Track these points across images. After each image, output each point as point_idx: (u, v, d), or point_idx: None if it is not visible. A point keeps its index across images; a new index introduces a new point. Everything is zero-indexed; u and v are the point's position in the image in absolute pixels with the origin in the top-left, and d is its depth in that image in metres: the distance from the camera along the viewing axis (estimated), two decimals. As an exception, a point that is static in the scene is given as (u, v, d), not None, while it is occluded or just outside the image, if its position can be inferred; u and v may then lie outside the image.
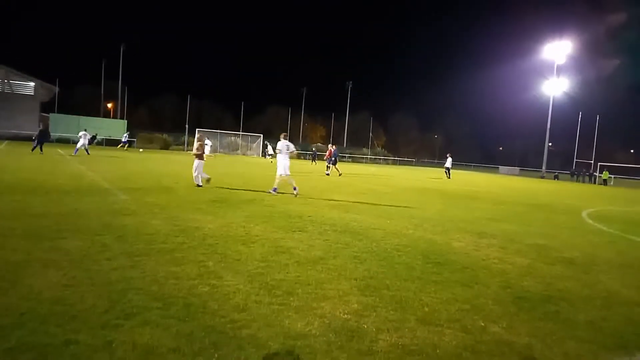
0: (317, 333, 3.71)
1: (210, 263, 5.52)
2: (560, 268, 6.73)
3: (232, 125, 64.60)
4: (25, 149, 27.55)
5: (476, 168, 68.38)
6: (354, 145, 72.51)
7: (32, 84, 46.40)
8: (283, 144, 13.56)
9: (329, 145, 29.99)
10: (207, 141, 31.57)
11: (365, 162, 63.90)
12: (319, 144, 71.14)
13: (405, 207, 13.10)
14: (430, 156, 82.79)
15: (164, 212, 8.81)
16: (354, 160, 65.43)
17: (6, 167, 15.80)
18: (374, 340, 3.68)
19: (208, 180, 14.38)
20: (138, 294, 4.28)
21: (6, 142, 37.40)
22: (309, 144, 63.55)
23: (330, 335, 3.70)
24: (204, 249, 6.19)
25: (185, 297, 4.28)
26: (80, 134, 27.88)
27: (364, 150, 71.13)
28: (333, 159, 27.66)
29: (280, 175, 13.49)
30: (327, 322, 3.97)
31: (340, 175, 26.26)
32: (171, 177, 16.97)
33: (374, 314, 4.27)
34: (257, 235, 7.31)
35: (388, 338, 3.73)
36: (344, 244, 7.19)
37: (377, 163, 64.68)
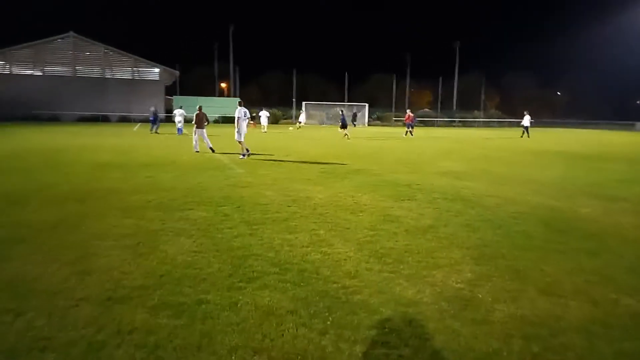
0: (429, 301, 3.69)
1: (322, 231, 5.72)
2: None
3: (337, 96, 65.03)
4: (165, 129, 30.58)
5: (608, 126, 60.99)
6: (464, 108, 68.84)
7: (156, 69, 51.04)
8: (241, 110, 14.26)
9: (407, 110, 32.69)
10: (262, 113, 33.34)
11: (478, 126, 60.55)
12: (427, 109, 68.83)
13: (521, 171, 12.25)
14: (552, 115, 75.64)
15: (277, 184, 9.26)
16: (465, 124, 62.21)
17: (139, 147, 17.73)
18: (489, 310, 3.56)
19: (212, 150, 15.67)
20: (257, 260, 4.60)
21: (139, 124, 41.85)
22: (415, 110, 61.78)
23: (443, 303, 3.65)
24: (315, 218, 6.43)
25: (299, 264, 4.51)
26: (176, 111, 27.78)
27: (476, 113, 67.21)
28: (412, 123, 30.57)
29: (240, 140, 14.36)
30: (439, 290, 3.92)
31: (348, 138, 25.72)
32: (281, 150, 17.70)
33: (489, 283, 4.11)
34: (365, 205, 7.39)
35: (505, 308, 3.59)
36: (455, 212, 6.97)
37: (490, 126, 60.86)
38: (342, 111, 30.23)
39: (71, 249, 4.82)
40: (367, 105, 56.38)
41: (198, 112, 16.15)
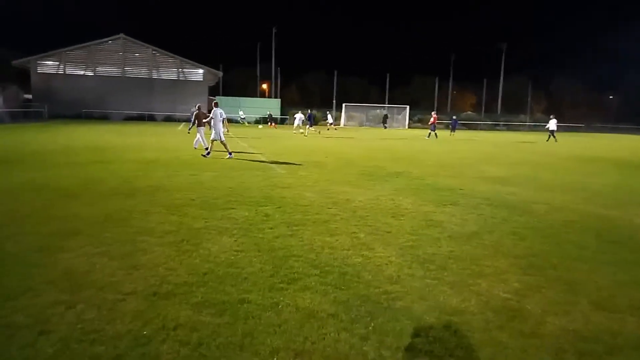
0: (475, 310, 3.57)
1: (362, 235, 5.66)
2: None
3: (378, 98, 64.61)
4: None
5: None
6: (509, 112, 66.82)
7: (201, 70, 52.33)
8: (217, 111, 14.37)
9: (432, 113, 33.21)
10: (298, 115, 32.16)
11: (523, 130, 58.68)
12: (469, 112, 67.29)
13: (570, 178, 11.75)
14: (603, 120, 72.19)
15: (317, 185, 9.27)
16: (510, 128, 60.41)
17: (183, 146, 18.17)
18: (539, 322, 3.41)
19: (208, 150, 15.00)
20: (298, 261, 4.60)
21: (183, 124, 42.95)
22: (459, 113, 60.50)
23: (489, 313, 3.53)
24: (355, 220, 6.37)
25: (340, 267, 4.47)
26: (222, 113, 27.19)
27: (521, 117, 65.10)
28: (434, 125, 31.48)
29: (214, 140, 14.31)
30: (485, 299, 3.79)
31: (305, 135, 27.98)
32: (321, 151, 17.73)
33: (539, 294, 3.94)
34: (406, 209, 7.27)
35: (556, 321, 3.42)
36: (500, 218, 6.75)
37: (537, 131, 58.81)
38: (309, 110, 32.10)
39: (119, 244, 4.97)
40: (407, 107, 55.71)
41: (197, 111, 16.30)
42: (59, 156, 13.32)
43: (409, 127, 53.50)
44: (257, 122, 48.32)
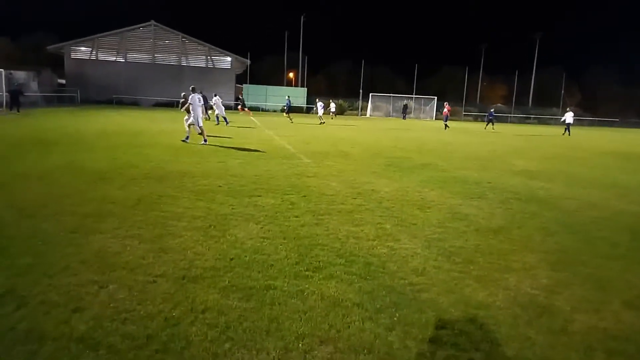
0: (502, 305, 3.54)
1: (388, 225, 5.65)
2: None
3: (405, 88, 63.82)
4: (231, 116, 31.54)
5: None
6: (541, 105, 65.06)
7: (229, 58, 52.58)
8: (195, 97, 14.29)
9: (445, 104, 32.56)
10: (319, 103, 32.07)
11: (555, 124, 57.11)
12: (500, 104, 65.82)
13: (603, 173, 11.41)
14: (638, 115, 69.50)
15: (342, 175, 9.26)
16: (541, 122, 58.86)
17: (210, 133, 18.36)
18: (568, 319, 3.35)
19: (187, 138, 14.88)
20: (323, 250, 4.63)
21: (211, 111, 43.39)
22: (486, 105, 59.24)
23: (516, 309, 3.49)
24: (380, 211, 6.36)
25: (365, 257, 4.48)
26: (214, 99, 24.27)
27: (554, 110, 63.29)
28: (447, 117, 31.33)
29: (192, 125, 14.35)
30: (512, 295, 3.74)
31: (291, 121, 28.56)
32: (346, 141, 17.67)
33: (568, 291, 3.87)
34: (432, 201, 7.20)
35: (586, 319, 3.36)
36: (529, 213, 6.62)
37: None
38: (288, 97, 32.07)
39: (149, 227, 5.10)
40: (435, 98, 54.87)
41: (184, 99, 16.36)
42: (94, 140, 13.67)
43: (436, 119, 52.73)
44: (282, 110, 48.52)
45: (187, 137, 14.42)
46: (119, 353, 2.65)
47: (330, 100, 40.85)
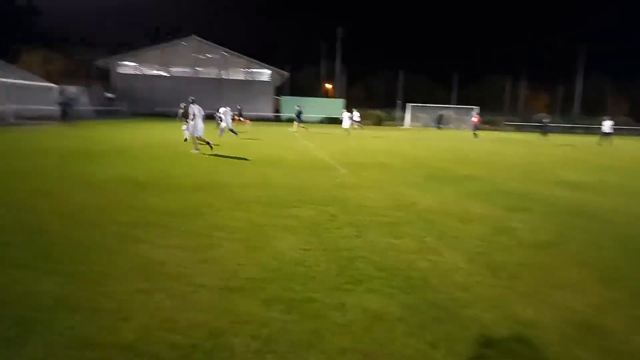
0: (550, 323, 3.39)
1: (429, 238, 5.55)
2: None
3: (444, 98, 62.96)
4: (264, 128, 32.14)
5: None
6: (587, 114, 62.58)
7: (267, 71, 53.61)
8: (195, 108, 14.59)
9: (473, 112, 33.52)
10: (345, 114, 30.27)
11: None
12: (543, 114, 63.76)
13: (659, 187, 10.83)
14: (696, 124, 65.60)
15: (381, 186, 9.20)
16: (588, 131, 56.57)
17: (250, 144, 18.71)
18: (622, 340, 3.18)
19: (185, 139, 16.76)
20: (363, 262, 4.59)
21: (250, 122, 44.19)
22: (530, 115, 57.51)
23: (565, 327, 3.34)
24: (421, 224, 6.26)
25: (406, 270, 4.42)
26: (221, 110, 22.86)
27: (601, 119, 60.65)
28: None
29: (199, 136, 14.70)
30: (561, 312, 3.59)
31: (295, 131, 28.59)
32: (385, 152, 17.57)
33: (621, 310, 3.68)
34: (475, 213, 7.04)
35: (642, 342, 3.18)
36: (578, 227, 6.36)
37: (619, 134, 54.66)
38: (298, 106, 32.15)
39: (191, 237, 5.21)
40: (476, 108, 53.75)
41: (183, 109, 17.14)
42: (139, 151, 14.18)
43: (477, 129, 51.61)
44: (321, 122, 48.77)
45: (198, 150, 14.75)
46: (164, 362, 2.71)
47: (353, 110, 40.13)
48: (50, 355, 2.72)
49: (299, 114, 30.91)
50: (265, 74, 53.75)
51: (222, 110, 22.52)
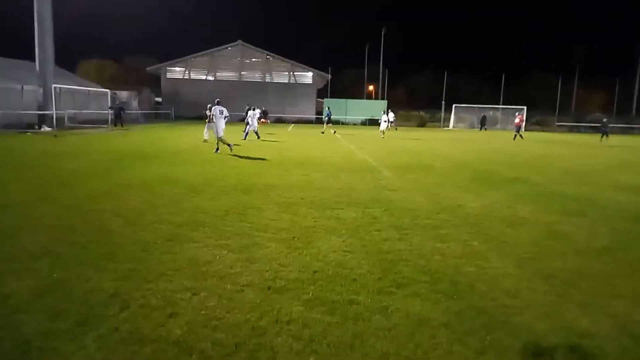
0: (608, 335, 3.20)
1: (475, 243, 5.39)
2: None
3: (490, 98, 61.13)
4: (306, 130, 32.35)
5: None
6: (646, 113, 59.03)
7: (310, 74, 53.91)
8: (217, 109, 15.26)
9: (517, 113, 32.25)
10: (383, 116, 28.72)
11: (663, 135, 51.49)
12: (597, 114, 60.76)
13: None
14: None
15: (426, 189, 9.03)
16: (647, 132, 53.41)
17: (294, 146, 18.86)
18: (691, 357, 2.95)
19: (205, 140, 18.16)
20: (407, 266, 4.51)
21: (292, 125, 44.66)
22: (583, 115, 54.93)
23: (626, 339, 3.14)
24: (467, 227, 6.09)
25: (451, 275, 4.30)
26: (250, 113, 22.40)
27: (662, 119, 57.10)
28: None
29: (220, 137, 15.26)
30: (621, 324, 3.38)
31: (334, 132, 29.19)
32: (429, 154, 17.26)
33: (689, 324, 3.42)
34: (525, 217, 6.77)
35: None
36: (638, 233, 5.99)
37: (680, 135, 51.22)
38: (328, 107, 33.00)
39: (237, 237, 5.30)
40: (525, 108, 51.90)
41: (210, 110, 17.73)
42: (187, 153, 14.61)
43: (525, 130, 49.78)
44: (364, 123, 48.57)
45: (249, 134, 16.17)
46: (209, 359, 2.75)
47: (389, 110, 39.17)
48: (106, 349, 2.82)
49: (328, 115, 31.72)
50: (307, 76, 54.08)
51: (250, 113, 22.67)
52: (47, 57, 25.66)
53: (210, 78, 53.08)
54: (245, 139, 21.40)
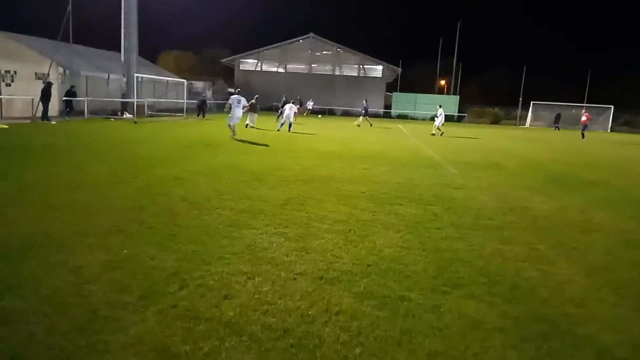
0: (684, 356, 2.93)
1: (541, 247, 5.11)
2: None
3: (573, 96, 57.19)
4: (374, 123, 32.04)
5: None
6: None
7: (380, 67, 53.31)
8: (234, 98, 16.32)
9: (583, 111, 30.10)
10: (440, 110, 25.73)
11: None
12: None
13: None
14: None
15: (492, 188, 8.68)
16: None
17: (358, 140, 18.79)
18: None
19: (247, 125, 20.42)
20: (464, 266, 4.38)
21: (361, 118, 44.43)
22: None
23: None
24: (534, 230, 5.79)
25: (512, 278, 4.12)
26: (287, 106, 22.73)
27: None
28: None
29: (235, 123, 16.18)
30: (701, 345, 3.07)
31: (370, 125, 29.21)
32: (500, 152, 16.53)
33: None
34: (600, 223, 6.32)
35: None
36: None
37: None
38: (365, 100, 33.74)
39: (295, 226, 5.40)
40: (612, 108, 48.08)
41: (253, 101, 20.45)
42: (253, 143, 15.04)
43: (611, 131, 46.17)
44: (432, 119, 47.38)
45: (284, 125, 19.22)
46: (259, 342, 2.84)
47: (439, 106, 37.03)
48: (164, 323, 3.00)
49: (365, 109, 32.14)
50: (377, 70, 53.54)
51: (288, 106, 22.86)
52: (131, 46, 27.40)
53: (281, 70, 54.08)
54: (279, 130, 21.53)
